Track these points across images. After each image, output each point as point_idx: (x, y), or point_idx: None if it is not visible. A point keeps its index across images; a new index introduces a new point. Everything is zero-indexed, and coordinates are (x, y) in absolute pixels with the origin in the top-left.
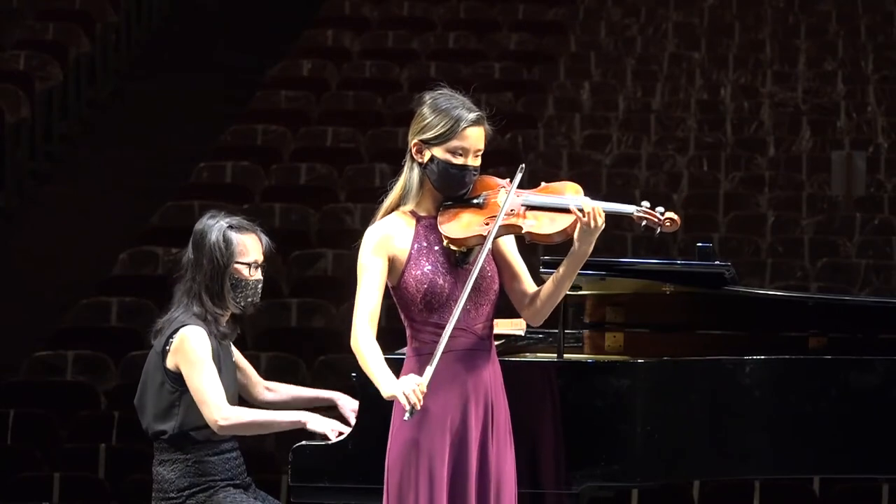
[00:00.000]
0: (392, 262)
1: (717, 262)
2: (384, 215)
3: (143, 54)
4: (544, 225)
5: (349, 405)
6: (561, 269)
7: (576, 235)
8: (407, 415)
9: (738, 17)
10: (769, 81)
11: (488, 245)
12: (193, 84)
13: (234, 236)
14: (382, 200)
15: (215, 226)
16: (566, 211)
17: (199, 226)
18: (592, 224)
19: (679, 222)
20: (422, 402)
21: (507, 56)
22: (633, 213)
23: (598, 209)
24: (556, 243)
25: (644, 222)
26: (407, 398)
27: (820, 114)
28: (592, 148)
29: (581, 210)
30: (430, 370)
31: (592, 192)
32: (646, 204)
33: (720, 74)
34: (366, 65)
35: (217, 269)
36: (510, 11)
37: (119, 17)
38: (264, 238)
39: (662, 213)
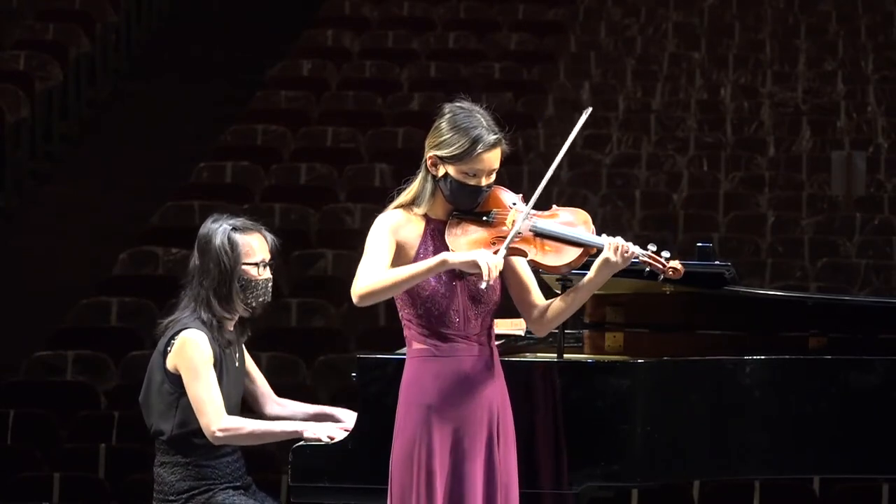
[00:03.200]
0: (399, 249)
1: (717, 262)
2: (395, 209)
3: (143, 54)
4: (551, 257)
5: (349, 420)
6: (575, 292)
7: (596, 266)
8: (484, 283)
9: (738, 17)
10: (769, 81)
11: (496, 272)
12: (193, 84)
13: (239, 238)
14: (393, 197)
15: (219, 229)
16: (575, 244)
17: (202, 231)
18: (622, 263)
19: (683, 272)
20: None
21: (507, 56)
22: (638, 256)
23: (625, 249)
24: (560, 274)
25: (648, 268)
26: (488, 269)
27: (820, 114)
28: (592, 148)
29: (614, 246)
30: (502, 251)
31: (592, 192)
32: (652, 247)
33: (720, 74)
34: (366, 65)
35: (225, 272)
36: (510, 11)
37: (119, 17)
38: (269, 236)
39: (667, 260)
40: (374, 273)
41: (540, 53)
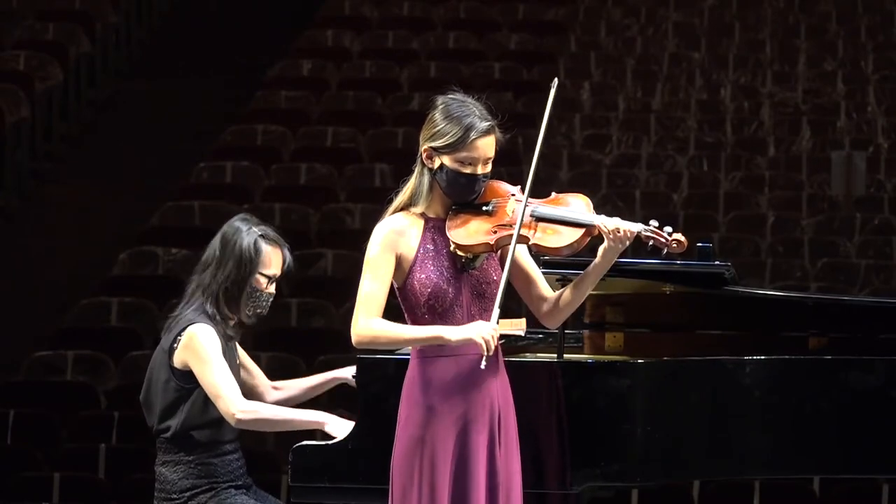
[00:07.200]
0: (399, 261)
1: (716, 262)
2: (393, 213)
3: (143, 54)
4: (552, 238)
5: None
6: (581, 279)
7: (601, 251)
8: (484, 362)
9: (738, 17)
10: (769, 81)
11: (508, 265)
12: (193, 84)
13: (265, 246)
14: (391, 199)
15: (248, 231)
16: (576, 225)
17: (229, 227)
18: (621, 245)
19: (686, 244)
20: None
21: (507, 56)
22: (640, 232)
23: (627, 229)
24: (563, 256)
25: (651, 242)
26: (486, 343)
27: (820, 114)
28: (592, 148)
29: (609, 230)
30: (496, 311)
31: (592, 192)
32: (654, 223)
33: (720, 74)
34: (366, 65)
35: (242, 273)
36: (510, 11)
37: (119, 17)
38: (288, 256)
39: (670, 234)
40: (371, 320)
41: (540, 53)
